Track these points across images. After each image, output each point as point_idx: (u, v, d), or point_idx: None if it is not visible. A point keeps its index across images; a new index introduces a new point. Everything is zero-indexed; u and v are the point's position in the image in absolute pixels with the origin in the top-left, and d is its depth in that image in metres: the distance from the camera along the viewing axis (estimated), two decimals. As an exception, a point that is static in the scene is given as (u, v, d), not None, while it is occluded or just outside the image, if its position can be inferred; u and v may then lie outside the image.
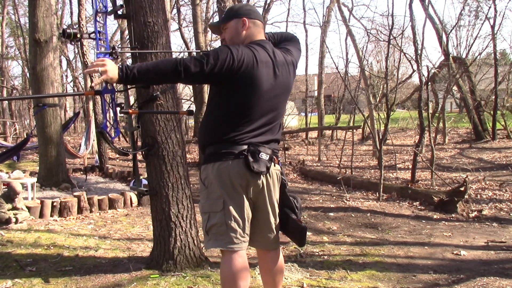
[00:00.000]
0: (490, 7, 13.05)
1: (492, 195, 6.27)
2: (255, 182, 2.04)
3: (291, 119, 22.00)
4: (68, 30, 2.10)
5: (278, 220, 2.18)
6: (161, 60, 1.86)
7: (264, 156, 2.01)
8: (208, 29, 10.20)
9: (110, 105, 2.15)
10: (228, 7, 2.23)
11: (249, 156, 1.97)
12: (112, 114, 2.22)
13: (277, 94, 2.08)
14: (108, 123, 2.17)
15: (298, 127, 20.73)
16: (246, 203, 2.03)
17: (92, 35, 2.21)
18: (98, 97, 10.32)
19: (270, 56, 2.06)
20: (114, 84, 2.06)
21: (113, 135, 2.18)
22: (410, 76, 15.96)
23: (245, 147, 1.99)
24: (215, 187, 2.00)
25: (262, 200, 2.10)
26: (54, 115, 7.24)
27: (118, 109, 2.18)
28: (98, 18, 2.07)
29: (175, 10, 16.69)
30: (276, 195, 2.15)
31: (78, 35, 2.08)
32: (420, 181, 7.49)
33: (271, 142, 2.11)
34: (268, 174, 2.07)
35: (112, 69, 1.84)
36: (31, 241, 4.16)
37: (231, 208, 1.99)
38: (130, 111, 2.18)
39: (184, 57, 1.90)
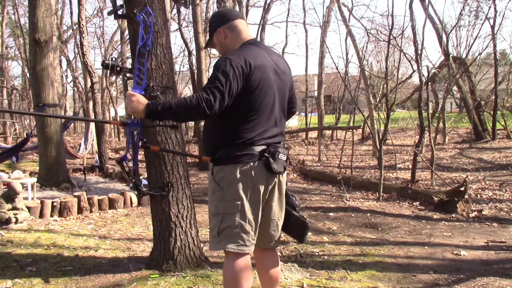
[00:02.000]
0: (490, 7, 13.06)
1: (492, 195, 6.27)
2: (272, 182, 2.08)
3: (291, 119, 21.98)
4: (106, 61, 2.18)
5: (283, 218, 2.21)
6: (184, 99, 1.92)
7: (282, 156, 2.05)
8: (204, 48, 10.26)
9: (135, 138, 2.22)
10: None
11: (270, 157, 2.01)
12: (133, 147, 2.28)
13: (282, 88, 2.13)
14: (129, 154, 2.22)
15: (298, 127, 20.72)
16: (261, 205, 2.06)
17: (124, 69, 2.27)
18: (98, 97, 10.35)
19: (267, 53, 2.11)
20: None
21: (131, 165, 2.27)
22: (410, 76, 15.95)
23: (263, 147, 2.03)
24: (233, 189, 2.00)
25: (272, 198, 2.12)
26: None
27: (140, 143, 2.25)
28: (141, 56, 2.14)
29: (175, 10, 16.69)
30: (284, 193, 2.19)
31: (118, 68, 2.17)
32: (420, 181, 7.49)
33: (278, 135, 2.13)
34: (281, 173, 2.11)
35: (138, 105, 1.94)
36: (31, 241, 4.16)
37: (247, 210, 2.01)
38: (152, 147, 2.27)
39: (199, 94, 1.90)
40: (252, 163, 2.00)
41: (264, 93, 2.02)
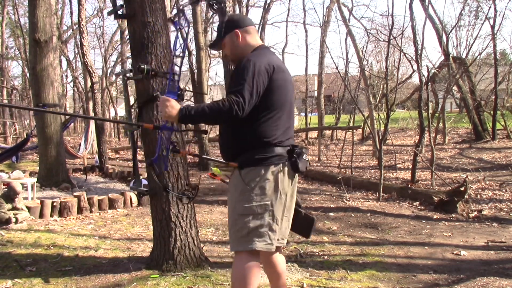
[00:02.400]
0: (490, 7, 13.06)
1: (492, 195, 6.27)
2: (293, 181, 2.19)
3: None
4: (142, 66, 2.22)
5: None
6: (216, 103, 1.98)
7: (305, 156, 2.14)
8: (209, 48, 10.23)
9: (166, 142, 2.25)
10: (218, 25, 2.29)
11: (297, 158, 2.10)
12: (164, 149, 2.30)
13: (292, 90, 2.23)
14: (159, 157, 2.25)
15: (298, 127, 20.72)
16: (286, 204, 2.15)
17: (159, 73, 2.31)
18: (98, 97, 10.36)
19: (276, 56, 2.21)
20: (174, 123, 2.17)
21: (161, 168, 2.32)
22: (410, 76, 15.96)
23: (288, 148, 2.12)
24: (264, 189, 2.05)
25: (290, 197, 2.20)
26: (54, 115, 7.24)
27: (171, 147, 2.27)
28: (174, 61, 2.19)
29: (175, 10, 16.69)
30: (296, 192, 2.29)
31: (153, 72, 2.23)
32: (420, 181, 7.49)
33: (293, 135, 2.24)
34: None
35: (172, 110, 1.99)
36: (31, 241, 4.16)
37: (275, 210, 2.08)
38: (181, 151, 2.29)
39: (230, 97, 1.97)
40: (281, 165, 2.09)
41: (285, 93, 2.12)
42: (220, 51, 2.47)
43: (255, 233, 2.04)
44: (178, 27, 2.24)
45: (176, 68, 2.22)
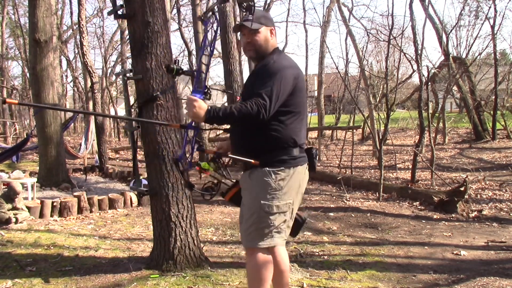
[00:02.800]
0: (490, 7, 13.05)
1: (492, 195, 6.27)
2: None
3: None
4: (172, 66, 2.24)
5: None
6: (245, 104, 2.02)
7: (317, 156, 2.29)
8: (236, 28, 10.19)
9: (191, 140, 2.29)
10: (259, 10, 2.29)
11: (315, 159, 2.25)
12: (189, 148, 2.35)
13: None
14: (185, 155, 2.27)
15: (298, 127, 20.65)
16: (299, 203, 2.29)
17: (186, 72, 2.35)
18: (98, 97, 10.35)
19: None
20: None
21: (185, 166, 2.33)
22: (410, 76, 15.95)
23: (304, 149, 2.23)
24: (291, 189, 2.16)
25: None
26: (54, 115, 7.24)
27: (196, 146, 2.33)
28: (202, 59, 2.20)
29: (175, 10, 16.69)
30: None
31: (181, 71, 2.26)
32: (420, 181, 7.49)
33: None
34: None
35: (199, 110, 2.01)
36: (31, 241, 4.16)
37: (294, 208, 2.22)
38: (207, 150, 2.35)
39: (257, 100, 2.02)
40: (304, 164, 2.23)
41: (304, 96, 2.25)
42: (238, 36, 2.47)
43: (276, 230, 2.15)
44: (208, 26, 2.22)
45: (203, 67, 2.22)
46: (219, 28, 2.29)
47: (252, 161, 2.14)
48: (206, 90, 2.16)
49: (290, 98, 2.12)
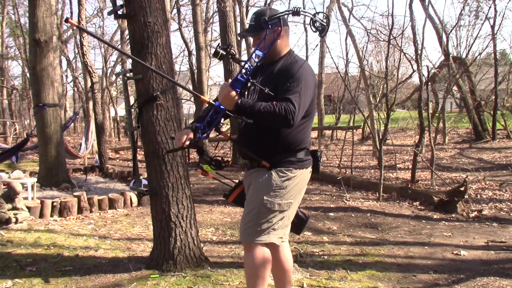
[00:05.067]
0: (490, 7, 13.04)
1: (492, 195, 6.27)
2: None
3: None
4: (217, 49, 2.19)
5: None
6: (274, 106, 2.03)
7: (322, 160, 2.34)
8: (239, 36, 10.13)
9: (214, 119, 2.23)
10: (258, 12, 2.23)
11: (319, 161, 2.31)
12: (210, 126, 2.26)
13: None
14: (204, 128, 2.22)
15: (298, 127, 20.65)
16: (299, 203, 2.32)
17: (235, 58, 2.30)
18: (98, 97, 10.34)
19: None
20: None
21: (200, 135, 2.25)
22: (410, 76, 15.93)
23: (311, 151, 2.28)
24: (293, 189, 2.20)
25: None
26: (54, 115, 7.24)
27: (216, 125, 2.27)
28: (254, 57, 2.14)
29: (175, 10, 16.69)
30: None
31: (229, 56, 2.19)
32: (420, 181, 7.49)
33: None
34: None
35: (229, 100, 2.03)
36: (31, 241, 4.16)
37: (294, 207, 2.26)
38: (223, 132, 2.31)
39: (288, 105, 2.02)
40: (309, 167, 2.28)
41: (315, 101, 2.28)
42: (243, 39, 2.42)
43: (274, 227, 2.18)
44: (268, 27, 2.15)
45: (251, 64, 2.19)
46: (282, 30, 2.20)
47: (263, 162, 2.18)
48: (246, 85, 2.10)
49: (311, 103, 2.19)
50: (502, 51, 20.81)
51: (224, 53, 2.16)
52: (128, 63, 18.76)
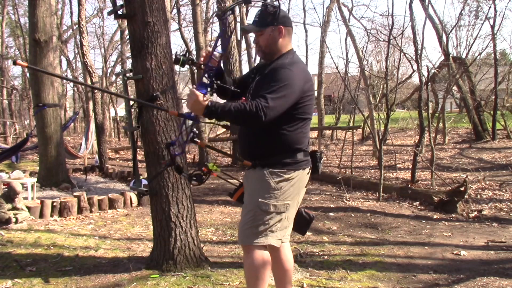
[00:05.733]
0: (490, 7, 13.04)
1: (492, 195, 6.27)
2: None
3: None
4: (178, 56, 2.26)
5: None
6: (245, 105, 2.04)
7: (322, 160, 2.30)
8: (241, 33, 10.16)
9: (186, 130, 2.30)
10: (261, 11, 2.24)
11: (319, 162, 2.27)
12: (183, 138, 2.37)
13: None
14: (178, 141, 2.28)
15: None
16: (298, 204, 2.29)
17: (195, 63, 2.36)
18: (98, 97, 10.35)
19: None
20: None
21: (176, 151, 2.35)
22: (410, 76, 15.94)
23: (311, 152, 2.25)
24: (289, 190, 2.17)
25: (303, 195, 2.32)
26: (54, 115, 7.24)
27: (191, 135, 2.31)
28: (215, 57, 2.20)
29: (175, 10, 16.69)
30: None
31: (189, 62, 2.27)
32: (420, 181, 7.49)
33: None
34: None
35: (198, 105, 2.03)
36: (31, 241, 4.16)
37: (291, 209, 2.22)
38: (200, 142, 2.34)
39: (259, 102, 2.00)
40: (307, 169, 2.24)
41: (312, 101, 2.24)
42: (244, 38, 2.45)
43: (271, 229, 2.15)
44: (226, 24, 2.24)
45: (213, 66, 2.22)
46: (235, 26, 2.27)
47: (245, 162, 2.21)
48: (211, 86, 2.14)
49: (303, 107, 2.14)
50: (502, 51, 20.79)
51: (185, 59, 2.22)
52: (128, 63, 18.78)
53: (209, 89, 2.12)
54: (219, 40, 2.23)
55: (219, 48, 2.22)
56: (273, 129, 2.13)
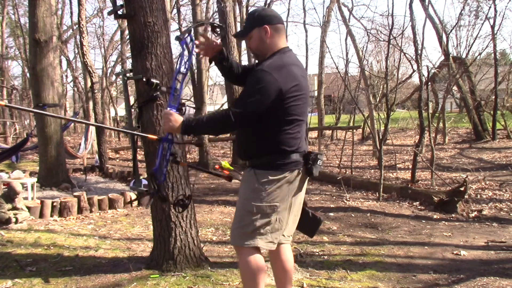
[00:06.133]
0: (490, 7, 13.05)
1: (492, 195, 6.27)
2: (304, 183, 2.25)
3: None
4: (152, 80, 2.43)
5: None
6: (215, 113, 2.13)
7: (320, 162, 2.19)
8: (233, 38, 10.21)
9: (166, 153, 2.33)
10: (248, 14, 2.28)
11: (313, 164, 2.16)
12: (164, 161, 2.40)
13: (308, 97, 2.26)
14: (160, 167, 2.36)
15: (298, 127, 20.61)
16: (292, 206, 2.20)
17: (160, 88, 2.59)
18: (98, 97, 10.35)
19: (297, 62, 2.21)
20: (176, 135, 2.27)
21: (160, 178, 2.38)
22: (410, 76, 15.93)
23: (304, 153, 2.16)
24: (276, 192, 2.11)
25: (299, 197, 2.25)
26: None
27: (171, 158, 2.38)
28: (177, 77, 2.28)
29: (175, 10, 16.69)
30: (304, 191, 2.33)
31: (158, 87, 2.46)
32: (420, 181, 7.49)
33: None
34: None
35: (175, 124, 2.11)
36: (31, 241, 4.16)
37: (281, 211, 2.15)
38: (181, 163, 2.41)
39: (232, 108, 2.05)
40: (297, 171, 2.14)
41: (304, 101, 2.15)
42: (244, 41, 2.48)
43: (259, 231, 2.11)
44: (184, 46, 2.29)
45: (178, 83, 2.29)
46: (194, 47, 2.32)
47: (219, 174, 2.24)
48: (180, 106, 2.24)
49: (281, 107, 2.05)
50: (502, 51, 20.81)
51: (157, 82, 2.42)
52: (128, 63, 18.78)
53: (179, 108, 2.22)
54: (179, 61, 2.29)
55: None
56: (259, 131, 2.11)
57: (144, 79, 2.34)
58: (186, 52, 2.30)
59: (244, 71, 2.39)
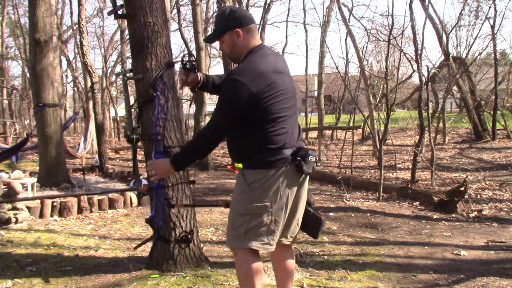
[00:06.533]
0: (490, 7, 13.05)
1: (492, 195, 6.27)
2: (300, 182, 2.17)
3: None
4: (132, 136, 2.50)
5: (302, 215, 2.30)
6: (199, 134, 2.17)
7: (312, 158, 2.12)
8: (205, 42, 10.24)
9: (160, 199, 2.37)
10: (217, 16, 2.25)
11: (302, 160, 2.09)
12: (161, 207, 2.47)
13: (293, 89, 2.20)
14: (157, 214, 2.42)
15: (298, 127, 20.60)
16: (288, 206, 2.14)
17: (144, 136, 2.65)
18: (98, 97, 10.35)
19: (275, 56, 2.17)
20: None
21: (159, 223, 2.46)
22: (410, 76, 15.91)
23: (293, 150, 2.10)
24: (265, 191, 2.07)
25: (299, 196, 2.20)
26: (54, 115, 7.23)
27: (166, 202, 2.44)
28: (159, 123, 2.35)
29: (175, 10, 16.69)
30: (306, 191, 2.28)
31: (139, 139, 2.54)
32: (420, 181, 7.49)
33: (301, 136, 2.27)
34: None
35: (167, 169, 2.15)
36: (31, 241, 4.16)
37: (274, 211, 2.09)
38: (176, 205, 2.49)
39: (211, 120, 2.10)
40: (284, 168, 2.08)
41: (286, 100, 2.09)
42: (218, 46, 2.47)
43: (252, 232, 2.08)
44: (160, 94, 2.33)
45: (161, 129, 2.36)
46: (168, 91, 2.38)
47: (208, 205, 2.27)
48: (166, 150, 2.29)
49: (259, 108, 2.01)
50: (502, 51, 20.82)
51: (138, 135, 2.51)
52: (128, 63, 18.78)
53: (165, 152, 2.29)
54: (156, 106, 2.34)
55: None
56: (243, 134, 2.10)
57: (125, 138, 2.45)
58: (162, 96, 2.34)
59: (224, 81, 2.34)
